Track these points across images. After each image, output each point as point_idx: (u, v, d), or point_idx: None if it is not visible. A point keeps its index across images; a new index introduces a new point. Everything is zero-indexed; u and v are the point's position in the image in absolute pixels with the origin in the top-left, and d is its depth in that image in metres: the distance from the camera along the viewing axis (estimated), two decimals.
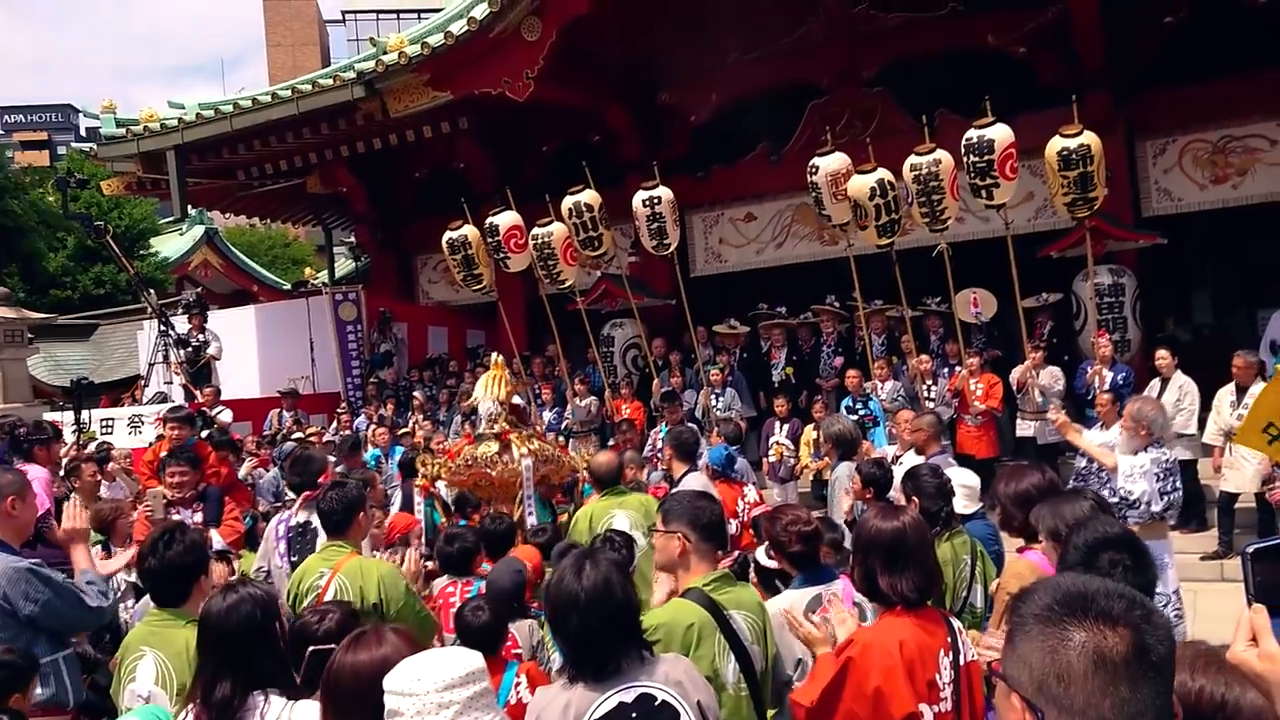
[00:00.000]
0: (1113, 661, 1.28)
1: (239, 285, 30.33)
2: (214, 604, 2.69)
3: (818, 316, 11.65)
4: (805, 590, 3.43)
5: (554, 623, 2.50)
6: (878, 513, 2.98)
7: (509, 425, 5.79)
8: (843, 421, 7.08)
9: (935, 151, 8.47)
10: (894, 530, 2.86)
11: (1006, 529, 3.75)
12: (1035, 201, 11.48)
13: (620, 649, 2.40)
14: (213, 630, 2.65)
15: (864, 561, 2.94)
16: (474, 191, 13.85)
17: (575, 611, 2.40)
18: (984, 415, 9.75)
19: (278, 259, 40.62)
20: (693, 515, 3.14)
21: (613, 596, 2.43)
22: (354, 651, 2.20)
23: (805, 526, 3.49)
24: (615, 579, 2.47)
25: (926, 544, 2.90)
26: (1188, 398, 8.78)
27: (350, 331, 14.43)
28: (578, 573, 2.45)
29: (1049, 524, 2.97)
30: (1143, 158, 11.34)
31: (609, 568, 2.50)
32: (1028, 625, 1.36)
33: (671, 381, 11.36)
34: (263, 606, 2.68)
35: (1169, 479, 5.19)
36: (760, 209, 13.26)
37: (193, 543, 3.26)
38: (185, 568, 3.21)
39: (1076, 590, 1.37)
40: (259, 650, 2.63)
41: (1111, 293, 10.16)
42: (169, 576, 3.21)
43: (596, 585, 2.42)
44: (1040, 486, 3.57)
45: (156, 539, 3.23)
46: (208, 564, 3.36)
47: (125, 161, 14.24)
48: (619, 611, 2.44)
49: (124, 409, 13.18)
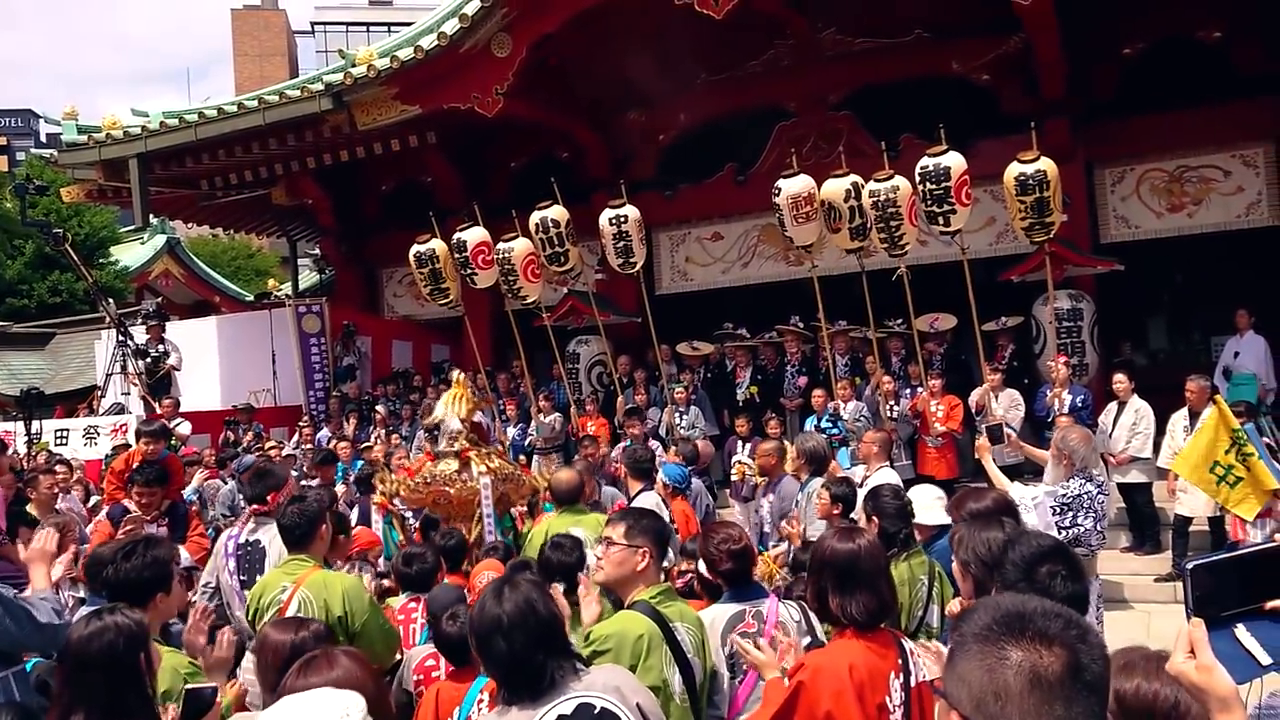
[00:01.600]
0: (1048, 680, 1.31)
1: (200, 296, 29.98)
2: (76, 630, 2.55)
3: (782, 336, 11.73)
4: (729, 606, 3.45)
5: (480, 649, 2.50)
6: (836, 534, 3.01)
7: (469, 443, 5.77)
8: (816, 438, 7.22)
9: (894, 178, 8.55)
10: (848, 552, 2.89)
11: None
12: (996, 226, 11.66)
13: (551, 664, 2.41)
14: (71, 658, 2.51)
15: (817, 581, 2.97)
16: (441, 206, 13.80)
17: (500, 634, 2.40)
18: (944, 437, 9.85)
19: (241, 270, 40.19)
20: (657, 532, 3.21)
21: (535, 615, 2.44)
22: (305, 675, 2.16)
23: (735, 545, 3.52)
24: (536, 597, 2.48)
25: (881, 568, 2.93)
26: (1143, 421, 8.93)
27: (314, 344, 14.31)
28: (498, 597, 2.47)
29: (961, 555, 3.00)
30: (1101, 185, 11.56)
31: (529, 588, 2.51)
32: (967, 644, 1.39)
33: (636, 399, 11.38)
34: (128, 636, 2.53)
35: (1070, 514, 5.00)
36: (727, 229, 13.35)
37: (155, 558, 3.14)
38: (141, 583, 3.10)
39: (1015, 610, 1.40)
40: (120, 684, 2.48)
41: (1070, 317, 10.32)
42: (123, 591, 3.08)
43: (518, 606, 2.43)
44: (999, 506, 3.61)
45: (118, 549, 3.15)
46: (170, 582, 3.20)
47: (86, 168, 14.05)
48: (544, 628, 2.45)
49: (80, 420, 13.00)
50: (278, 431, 13.38)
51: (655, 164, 13.47)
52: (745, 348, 11.90)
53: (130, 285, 27.00)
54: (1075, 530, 4.98)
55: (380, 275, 16.46)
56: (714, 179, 13.11)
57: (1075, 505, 4.99)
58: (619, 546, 3.17)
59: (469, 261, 10.28)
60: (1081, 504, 4.99)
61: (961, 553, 3.03)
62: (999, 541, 2.95)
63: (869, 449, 7.21)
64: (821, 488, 5.74)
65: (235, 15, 50.21)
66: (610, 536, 3.21)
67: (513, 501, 6.07)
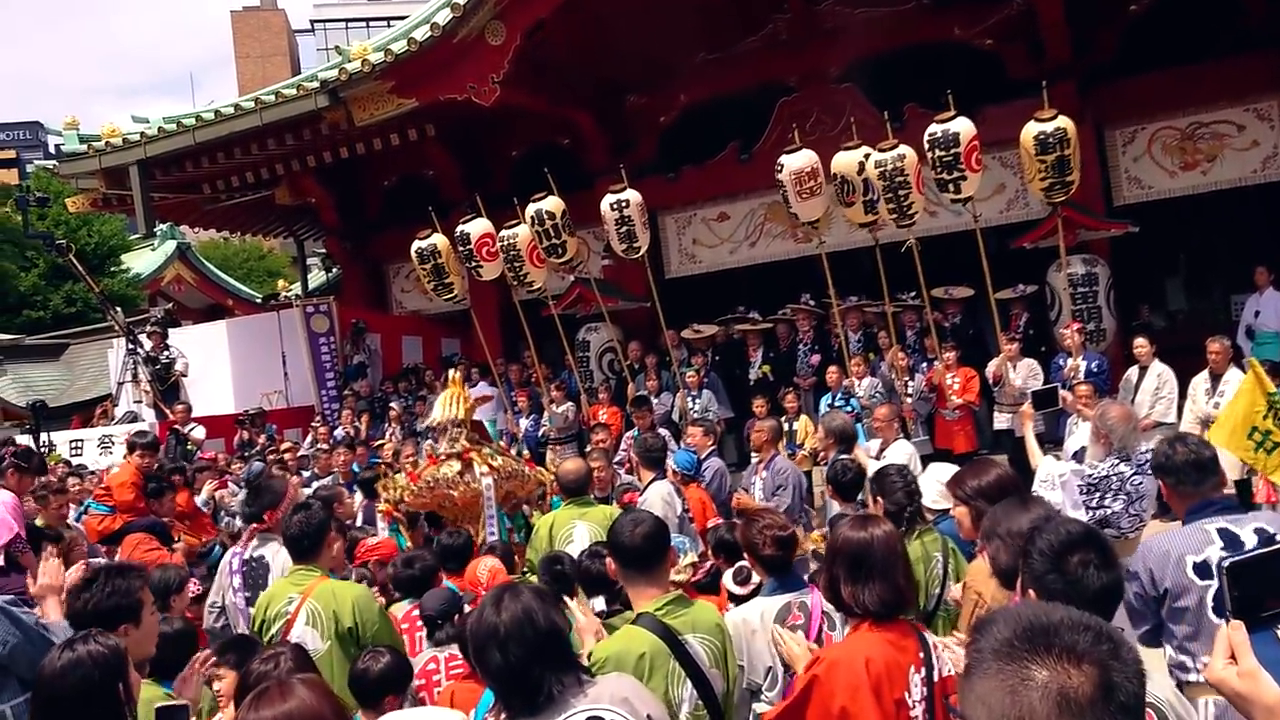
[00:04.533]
0: (1078, 703, 1.18)
1: (213, 299, 30.03)
2: (49, 662, 2.44)
3: (794, 315, 11.58)
4: (775, 599, 3.35)
5: (477, 659, 2.40)
6: (850, 522, 2.89)
7: (470, 443, 5.67)
8: (841, 416, 7.18)
9: (899, 147, 8.42)
10: (860, 541, 2.78)
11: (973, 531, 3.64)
12: (1006, 193, 11.47)
13: (550, 677, 2.29)
14: (45, 692, 2.40)
15: (830, 569, 2.85)
16: (443, 198, 13.72)
17: (495, 645, 2.29)
18: (961, 409, 9.71)
19: (253, 271, 40.25)
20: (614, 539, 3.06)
21: (534, 625, 2.32)
22: (257, 709, 2.03)
23: (781, 531, 3.40)
24: (536, 607, 2.36)
25: (896, 557, 2.80)
26: (1166, 386, 8.76)
27: (323, 344, 14.25)
28: (497, 606, 2.35)
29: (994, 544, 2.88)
30: (1112, 146, 11.33)
31: (530, 597, 2.39)
32: (986, 662, 1.25)
33: (648, 385, 11.27)
34: (104, 667, 2.42)
35: (1098, 495, 4.78)
36: (733, 208, 13.18)
37: (117, 588, 2.98)
38: (104, 613, 2.95)
39: (1038, 622, 1.27)
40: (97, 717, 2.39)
41: (1085, 282, 10.14)
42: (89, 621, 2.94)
43: (516, 616, 2.32)
44: (1004, 481, 3.48)
45: (86, 579, 3.02)
46: (139, 612, 3.04)
47: (89, 178, 14.02)
48: (544, 639, 2.34)
49: (94, 430, 13.02)
50: (291, 433, 13.36)
51: (656, 146, 13.30)
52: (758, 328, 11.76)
53: (143, 292, 27.09)
54: (1103, 512, 4.81)
55: (387, 271, 16.38)
56: (717, 159, 12.93)
57: (1103, 486, 4.80)
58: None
59: (474, 254, 10.18)
60: (1110, 485, 4.79)
61: (989, 533, 2.91)
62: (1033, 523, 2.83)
63: (881, 425, 7.16)
64: (827, 481, 5.63)
65: (235, 17, 50.12)
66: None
67: (520, 498, 5.98)
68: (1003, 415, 9.62)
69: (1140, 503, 4.94)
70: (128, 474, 6.50)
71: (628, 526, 3.07)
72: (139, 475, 6.52)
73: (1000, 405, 9.64)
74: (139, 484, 6.42)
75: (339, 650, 3.80)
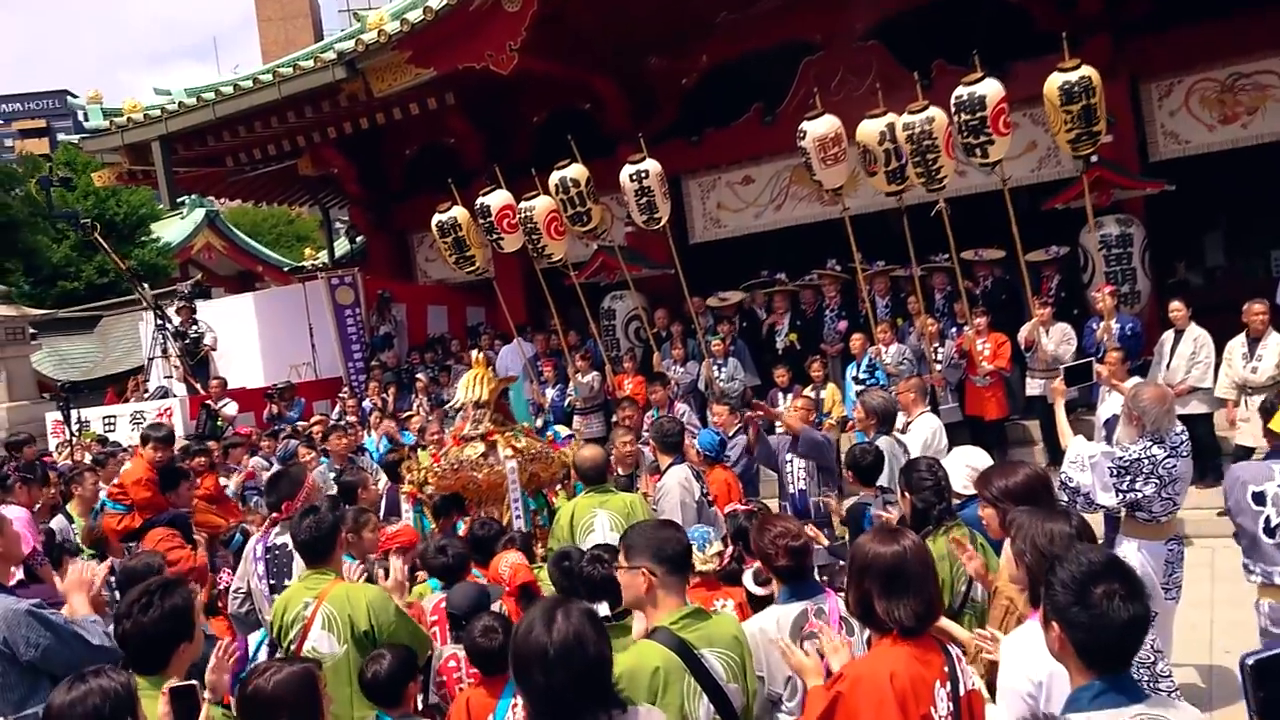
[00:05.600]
0: None
1: (243, 266, 30.22)
2: (58, 693, 2.41)
3: (820, 280, 11.42)
4: (791, 606, 3.27)
5: (518, 676, 2.32)
6: (876, 535, 2.80)
7: (494, 424, 5.62)
8: (880, 394, 7.08)
9: (928, 109, 8.20)
10: (893, 555, 2.68)
11: (1000, 531, 3.55)
12: (1038, 151, 11.18)
13: (591, 709, 2.23)
14: None
15: (859, 585, 2.76)
16: (465, 167, 13.65)
17: (541, 666, 2.22)
18: (992, 375, 9.56)
19: (282, 236, 40.49)
20: (658, 548, 2.94)
21: (584, 651, 2.24)
22: None
23: (794, 540, 3.31)
24: (588, 632, 2.28)
25: (929, 570, 2.72)
26: (1203, 350, 8.54)
27: (349, 315, 14.25)
28: (548, 624, 2.26)
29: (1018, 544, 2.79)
30: (1147, 101, 10.98)
31: (581, 619, 2.30)
32: None
33: (673, 353, 11.18)
34: (114, 700, 2.37)
35: (1129, 478, 4.67)
36: (757, 171, 12.97)
37: (172, 608, 2.95)
38: (160, 636, 2.94)
39: None
40: None
41: (1119, 243, 9.89)
42: (144, 644, 2.96)
43: (567, 639, 2.23)
44: (1032, 484, 3.38)
45: (134, 600, 2.98)
46: (193, 629, 3.03)
47: (112, 153, 14.07)
48: (590, 668, 2.26)
49: (126, 405, 13.12)
50: (320, 404, 13.41)
51: (678, 110, 13.08)
52: (784, 294, 11.61)
53: (173, 261, 27.27)
54: (1134, 495, 4.69)
55: (411, 240, 16.34)
56: (740, 121, 12.71)
57: (1134, 469, 4.66)
58: (623, 570, 2.97)
59: (494, 227, 10.09)
60: (1141, 469, 4.65)
61: (1019, 541, 2.83)
62: (1061, 535, 2.74)
63: (906, 397, 7.03)
64: (847, 468, 5.51)
65: None
66: (617, 559, 3.01)
67: (544, 480, 5.93)
68: (1035, 381, 9.45)
69: (1174, 486, 4.82)
70: (141, 470, 6.42)
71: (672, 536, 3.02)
72: (152, 469, 6.48)
73: (1033, 371, 9.47)
74: (154, 479, 6.39)
75: (356, 654, 3.78)
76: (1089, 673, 2.17)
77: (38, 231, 24.02)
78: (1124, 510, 4.93)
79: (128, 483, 6.39)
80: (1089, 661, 2.16)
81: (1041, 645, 2.49)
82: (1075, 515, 2.80)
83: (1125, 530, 5.05)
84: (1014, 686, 2.66)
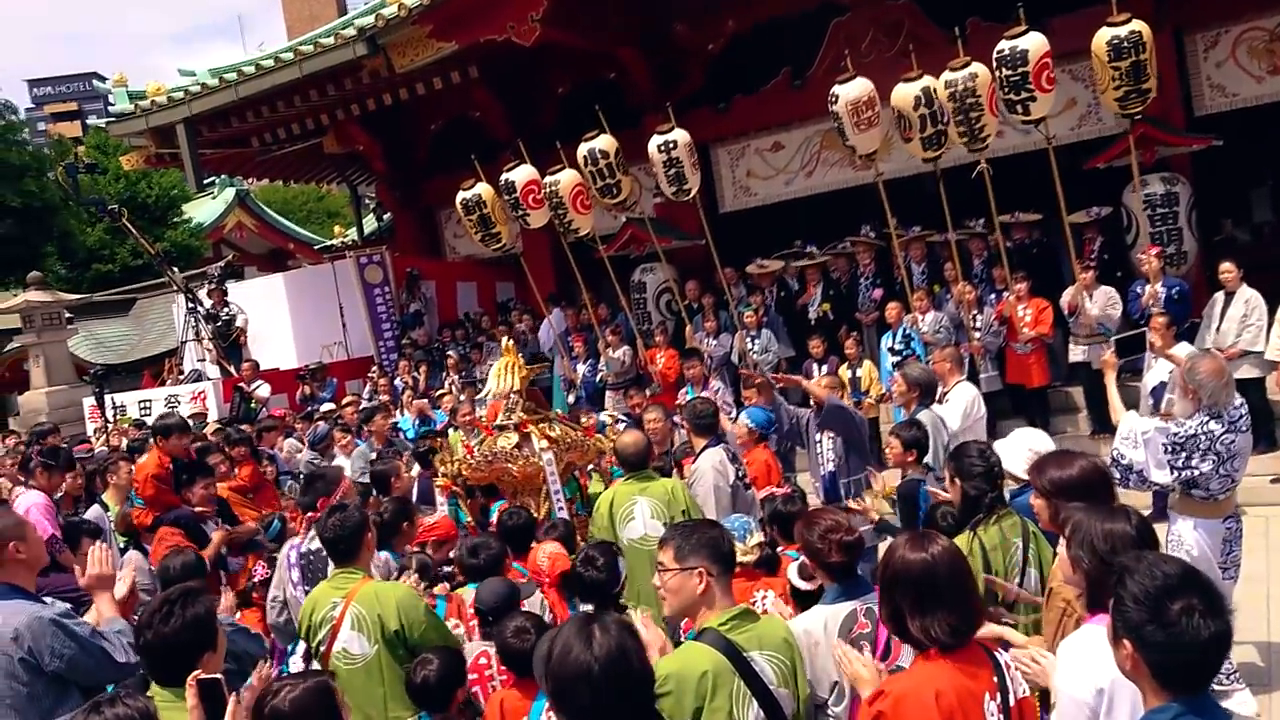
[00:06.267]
0: None
1: (274, 244, 30.36)
2: None
3: (853, 248, 11.17)
4: (840, 606, 3.12)
5: (558, 698, 2.21)
6: (908, 541, 2.63)
7: (527, 414, 5.50)
8: (919, 365, 6.92)
9: (970, 65, 7.94)
10: (922, 564, 2.52)
11: (1051, 524, 3.37)
12: (1078, 109, 10.84)
13: None
14: None
15: (891, 598, 2.60)
16: (491, 140, 13.47)
17: (588, 686, 2.12)
18: (1034, 342, 9.32)
19: (313, 213, 40.58)
20: (713, 547, 2.84)
21: (629, 667, 2.16)
22: None
23: (846, 536, 3.16)
24: (630, 646, 2.20)
25: (963, 576, 2.56)
26: (1255, 313, 8.26)
27: (378, 294, 14.20)
28: (587, 640, 2.16)
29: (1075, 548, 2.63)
30: (1193, 53, 10.58)
31: (620, 633, 2.21)
32: None
33: (705, 326, 11.01)
34: None
35: (1184, 455, 4.46)
36: (787, 137, 12.70)
37: (194, 618, 2.89)
38: (181, 647, 2.87)
39: None
40: None
41: (1165, 203, 9.56)
42: (165, 654, 2.90)
43: (611, 654, 2.14)
44: (1087, 477, 3.19)
45: (154, 610, 2.93)
46: (215, 637, 2.97)
47: (139, 136, 14.06)
48: (636, 684, 2.19)
49: (161, 389, 13.17)
50: (353, 384, 13.41)
51: (705, 77, 12.80)
52: (815, 265, 11.38)
53: (206, 242, 27.37)
54: (1190, 473, 4.48)
55: (439, 217, 16.23)
56: (769, 86, 12.44)
57: (1190, 446, 4.46)
58: (672, 572, 2.82)
59: (519, 202, 9.95)
60: (1198, 445, 4.45)
61: (1075, 545, 2.65)
62: (1122, 537, 2.57)
63: (942, 366, 6.85)
64: (890, 435, 5.34)
65: None
66: (662, 562, 2.85)
67: (579, 467, 5.82)
68: (1079, 347, 9.20)
69: (1232, 462, 4.61)
70: (152, 465, 6.34)
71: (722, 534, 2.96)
72: (162, 465, 6.38)
73: (1076, 336, 9.20)
74: (161, 475, 6.30)
75: (387, 654, 3.71)
76: (1165, 693, 2.00)
77: (71, 215, 24.18)
78: (1178, 488, 4.74)
79: (138, 478, 6.34)
80: (1165, 682, 1.99)
81: (1103, 650, 2.34)
82: (1135, 515, 2.62)
83: (1180, 508, 4.85)
84: (1074, 694, 2.51)
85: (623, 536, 4.85)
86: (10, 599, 3.47)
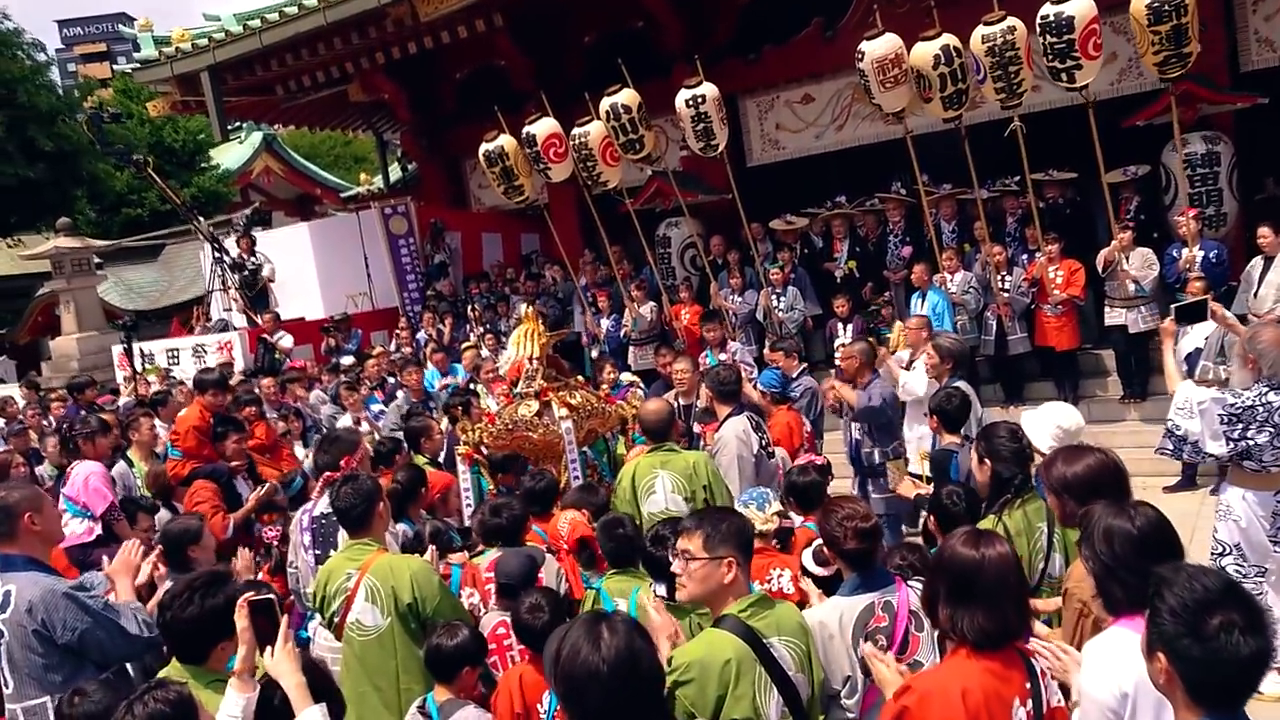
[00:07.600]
0: None
1: (301, 189, 30.34)
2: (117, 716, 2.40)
3: (883, 204, 10.97)
4: (856, 599, 3.06)
5: (568, 699, 2.18)
6: (964, 536, 2.57)
7: (547, 381, 5.46)
8: (950, 335, 6.84)
9: (1007, 19, 7.72)
10: (969, 561, 2.47)
11: (1066, 522, 3.29)
12: (1119, 62, 10.50)
13: None
14: None
15: (931, 583, 2.61)
16: (516, 90, 13.30)
17: (599, 688, 2.09)
18: (1064, 304, 9.15)
19: (340, 158, 40.47)
20: (741, 535, 2.84)
21: (639, 666, 2.13)
22: None
23: (864, 523, 3.11)
24: (639, 646, 2.17)
25: (1008, 585, 2.48)
26: None
27: (403, 245, 14.16)
28: (595, 641, 2.13)
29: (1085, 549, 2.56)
30: (1241, 5, 10.19)
31: (629, 633, 2.17)
32: None
33: (731, 282, 10.89)
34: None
35: (1240, 426, 4.39)
36: (818, 89, 12.43)
37: (213, 609, 2.90)
38: (199, 633, 2.92)
39: None
40: None
41: (1205, 163, 9.28)
42: (184, 637, 2.96)
43: (620, 655, 2.11)
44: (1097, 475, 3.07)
45: (177, 594, 2.97)
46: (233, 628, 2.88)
47: (164, 83, 14.00)
48: (647, 683, 2.17)
49: (188, 339, 13.23)
50: (378, 335, 13.43)
51: (735, 26, 12.51)
52: (842, 219, 11.19)
53: (233, 187, 27.36)
54: (1245, 444, 4.42)
55: (464, 167, 16.08)
56: (800, 37, 12.14)
57: (1247, 417, 4.39)
58: (700, 561, 2.78)
59: (541, 156, 9.83)
60: (1255, 416, 4.37)
61: (1085, 545, 2.59)
62: (1123, 535, 2.48)
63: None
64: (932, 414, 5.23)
65: None
66: (688, 549, 2.81)
67: (602, 434, 5.79)
68: (1115, 310, 9.02)
69: None
70: (194, 417, 6.42)
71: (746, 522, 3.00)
72: (204, 418, 6.43)
73: (1112, 300, 9.03)
74: (202, 428, 6.36)
75: (400, 626, 3.72)
76: (1198, 709, 1.93)
77: (99, 159, 24.21)
78: (1231, 459, 4.66)
79: (180, 430, 6.40)
80: (1199, 699, 1.92)
81: (1129, 654, 2.29)
82: (1141, 513, 2.52)
83: (1231, 478, 4.81)
84: (1097, 697, 2.46)
85: (644, 509, 4.83)
86: (26, 570, 3.50)
